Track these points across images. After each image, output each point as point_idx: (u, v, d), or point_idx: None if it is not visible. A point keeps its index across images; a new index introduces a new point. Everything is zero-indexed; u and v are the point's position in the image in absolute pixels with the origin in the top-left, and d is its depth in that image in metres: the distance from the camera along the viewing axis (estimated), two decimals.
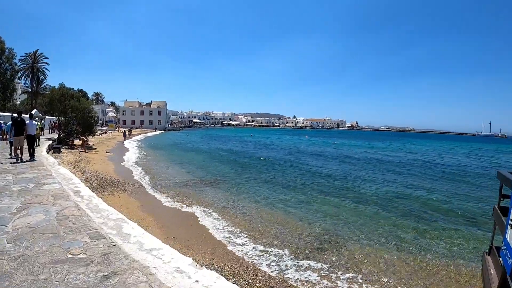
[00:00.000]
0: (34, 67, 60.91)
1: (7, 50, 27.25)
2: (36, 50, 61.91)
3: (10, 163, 13.38)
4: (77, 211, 6.59)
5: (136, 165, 24.16)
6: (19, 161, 13.71)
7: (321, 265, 8.08)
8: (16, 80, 50.39)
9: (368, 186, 18.76)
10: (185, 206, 13.18)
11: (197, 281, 4.08)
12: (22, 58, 59.79)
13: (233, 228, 10.77)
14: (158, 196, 14.62)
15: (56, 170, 11.75)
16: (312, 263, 8.18)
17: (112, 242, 5.08)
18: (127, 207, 12.17)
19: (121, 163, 24.82)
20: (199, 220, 11.50)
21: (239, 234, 10.16)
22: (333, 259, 8.51)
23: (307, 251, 8.98)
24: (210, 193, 15.87)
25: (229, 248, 9.07)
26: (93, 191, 12.97)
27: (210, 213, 12.36)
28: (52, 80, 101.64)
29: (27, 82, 63.21)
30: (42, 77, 63.37)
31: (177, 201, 13.84)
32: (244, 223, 11.31)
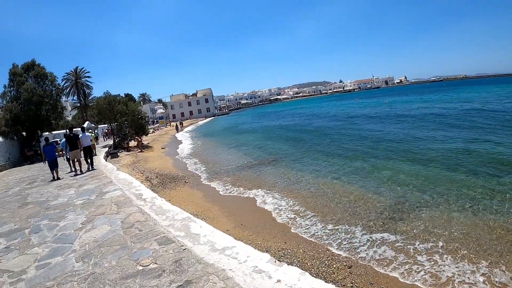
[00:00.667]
0: (78, 83, 63.70)
1: (48, 75, 28.21)
2: (76, 67, 64.65)
3: (71, 176, 14.03)
4: (141, 216, 6.36)
5: (192, 156, 24.35)
6: (79, 173, 14.36)
7: (396, 237, 7.37)
8: (64, 98, 53.00)
9: (429, 145, 17.22)
10: (247, 190, 12.84)
11: (279, 281, 3.57)
12: (65, 77, 62.77)
13: (299, 207, 10.26)
14: (219, 183, 14.42)
15: (116, 176, 11.86)
16: (386, 235, 7.50)
17: (182, 246, 4.72)
18: (191, 199, 12.09)
19: (178, 156, 25.15)
20: (264, 203, 11.09)
21: (307, 213, 9.66)
22: (407, 229, 7.76)
23: (379, 223, 8.31)
24: (270, 173, 15.46)
25: (299, 229, 8.58)
26: (154, 190, 13.09)
27: (273, 194, 11.91)
28: (98, 91, 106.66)
29: (74, 98, 66.48)
30: (87, 90, 66.28)
31: (239, 186, 13.54)
32: (309, 201, 10.78)
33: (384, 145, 18.97)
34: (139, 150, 29.07)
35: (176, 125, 60.26)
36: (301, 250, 7.13)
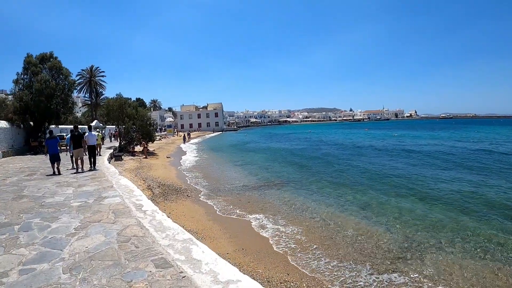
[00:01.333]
0: (92, 81, 64.27)
1: (64, 68, 28.24)
2: (92, 66, 65.41)
3: (71, 173, 13.99)
4: (139, 230, 5.93)
5: (197, 169, 23.96)
6: (80, 171, 14.39)
7: (405, 278, 7.03)
8: (76, 94, 53.37)
9: (438, 184, 16.66)
10: (251, 213, 12.35)
11: None
12: (80, 73, 63.39)
13: (303, 237, 9.81)
14: (222, 202, 13.96)
15: (117, 181, 11.46)
16: (394, 276, 7.12)
17: (181, 272, 4.27)
18: (192, 215, 11.64)
19: (182, 168, 24.78)
20: (267, 228, 10.62)
21: (310, 244, 9.18)
22: (417, 269, 7.45)
23: (387, 262, 7.90)
24: (275, 197, 14.95)
25: (301, 262, 8.11)
26: (155, 200, 12.68)
27: (277, 220, 11.44)
28: (110, 92, 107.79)
29: (86, 95, 66.95)
30: (100, 90, 66.82)
31: (242, 207, 13.07)
32: (314, 231, 10.33)
33: (391, 180, 18.43)
34: (144, 156, 28.76)
35: (184, 135, 60.19)
36: (304, 285, 6.68)
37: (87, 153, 15.52)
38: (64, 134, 30.96)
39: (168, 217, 9.65)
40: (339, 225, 10.93)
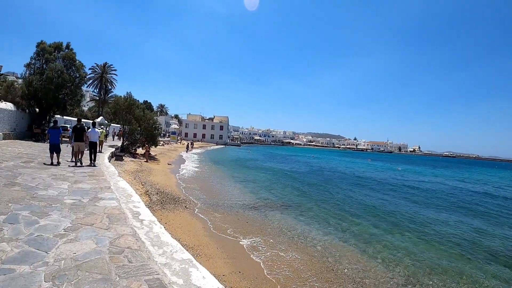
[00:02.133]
0: (103, 77, 64.39)
1: (77, 61, 28.06)
2: (105, 63, 65.67)
3: (69, 166, 13.81)
4: (134, 242, 5.39)
5: (198, 181, 23.40)
6: (78, 165, 14.24)
7: None
8: (85, 88, 53.10)
9: (440, 226, 16.08)
10: (250, 233, 11.84)
11: None
12: (92, 68, 63.59)
13: (303, 265, 9.39)
14: (221, 218, 13.41)
15: (116, 183, 10.93)
16: None
17: None
18: (189, 229, 11.10)
19: (183, 177, 24.23)
20: (265, 253, 10.13)
21: (310, 275, 8.78)
22: None
23: None
24: (276, 220, 14.38)
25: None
26: (152, 208, 12.12)
27: (277, 245, 10.95)
28: (119, 90, 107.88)
29: (95, 91, 67.01)
30: (110, 87, 66.90)
31: (242, 227, 12.53)
32: (315, 261, 9.90)
33: (392, 215, 17.84)
34: (145, 160, 28.27)
35: (188, 144, 59.85)
36: None
37: (87, 148, 15.34)
38: (68, 125, 30.70)
39: (165, 228, 9.14)
40: (341, 255, 10.55)
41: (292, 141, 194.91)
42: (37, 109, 27.10)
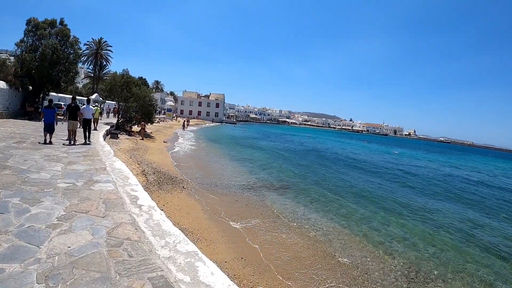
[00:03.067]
0: (98, 54, 62.88)
1: (72, 36, 26.97)
2: (101, 38, 63.95)
3: (64, 144, 13.51)
4: (134, 232, 4.97)
5: (194, 160, 22.99)
6: (72, 143, 13.93)
7: None
8: (80, 65, 51.98)
9: (440, 212, 16.09)
10: (250, 216, 11.53)
11: None
12: (87, 43, 61.97)
13: (306, 251, 9.13)
14: (220, 200, 13.04)
15: (111, 164, 10.45)
16: None
17: None
18: (188, 211, 10.71)
19: (179, 155, 23.80)
20: (267, 236, 9.86)
21: (313, 261, 8.57)
22: None
23: None
24: (275, 201, 14.08)
25: (305, 281, 7.43)
26: (149, 188, 11.69)
27: (279, 228, 10.72)
28: (114, 67, 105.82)
29: (90, 67, 65.55)
30: (105, 63, 65.49)
31: (241, 209, 12.22)
32: (317, 246, 9.67)
33: (392, 199, 17.68)
34: (141, 138, 27.71)
35: (184, 122, 59.19)
36: None
37: (81, 126, 15.00)
38: (62, 103, 29.95)
39: (164, 211, 8.74)
40: (343, 241, 10.30)
41: (287, 120, 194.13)
42: (30, 87, 26.25)
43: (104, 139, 19.20)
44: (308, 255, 8.89)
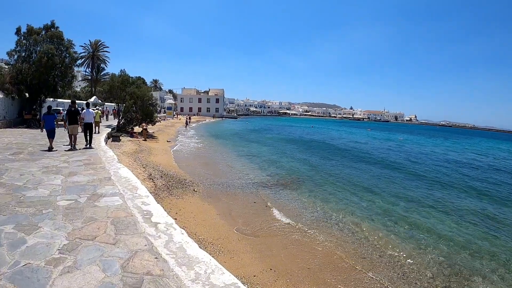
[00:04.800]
0: (95, 56, 61.72)
1: (66, 40, 25.91)
2: (97, 40, 62.77)
3: (65, 150, 13.15)
4: (154, 263, 4.01)
5: (201, 159, 22.06)
6: (73, 149, 13.59)
7: None
8: (77, 68, 50.79)
9: (464, 201, 15.11)
10: (271, 218, 10.69)
11: None
12: (83, 46, 60.81)
13: (336, 253, 8.39)
14: (235, 202, 12.17)
15: (116, 172, 9.47)
16: None
17: None
18: (203, 217, 9.81)
19: (185, 156, 22.87)
20: (293, 240, 9.04)
21: (348, 262, 7.91)
22: None
23: None
24: (291, 198, 13.28)
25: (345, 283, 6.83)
26: (158, 195, 10.76)
27: (302, 227, 9.96)
28: (111, 68, 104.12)
29: (87, 70, 64.44)
30: (102, 65, 64.32)
31: (260, 211, 11.35)
32: (346, 246, 8.92)
33: (412, 189, 16.81)
34: (143, 139, 26.78)
35: (186, 119, 58.30)
36: None
37: (82, 130, 14.63)
38: (61, 108, 29.04)
39: (174, 215, 7.80)
40: (370, 238, 9.58)
41: (288, 111, 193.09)
42: (26, 94, 25.30)
43: (106, 143, 18.29)
44: (339, 257, 8.13)
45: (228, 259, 7.17)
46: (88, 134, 14.72)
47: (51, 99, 28.46)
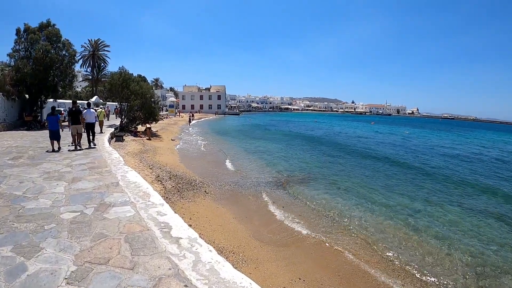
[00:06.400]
0: (95, 55, 60.84)
1: (63, 38, 25.12)
2: (98, 39, 61.87)
3: (69, 150, 12.97)
4: None
5: (209, 156, 21.36)
6: (78, 148, 13.55)
7: None
8: (77, 68, 49.91)
9: (482, 196, 14.43)
10: (291, 219, 9.98)
11: None
12: (84, 45, 59.96)
13: (364, 257, 7.77)
14: (250, 203, 11.50)
15: (124, 176, 8.69)
16: None
17: None
18: (219, 222, 9.10)
19: (192, 154, 22.08)
20: (317, 243, 8.40)
21: (376, 267, 7.32)
22: None
23: None
24: (308, 197, 12.54)
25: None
26: (169, 199, 10.01)
27: (322, 230, 9.25)
28: (112, 68, 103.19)
29: (88, 70, 63.57)
30: (103, 64, 63.40)
31: (277, 211, 10.71)
32: (376, 249, 8.25)
33: (431, 181, 16.23)
34: (147, 138, 26.02)
35: (189, 117, 57.50)
36: None
37: (84, 130, 14.51)
38: (62, 109, 28.29)
39: (188, 221, 7.06)
40: (395, 237, 9.08)
41: (290, 106, 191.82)
42: (26, 95, 24.56)
43: (110, 143, 17.56)
44: (366, 261, 7.55)
45: (253, 270, 6.48)
46: (90, 134, 14.63)
47: (52, 99, 27.66)
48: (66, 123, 17.74)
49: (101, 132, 21.50)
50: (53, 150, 12.66)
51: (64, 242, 4.42)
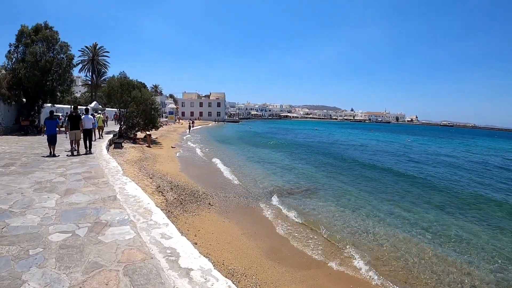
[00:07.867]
0: (95, 60, 60.20)
1: (60, 40, 24.43)
2: (96, 43, 61.23)
3: (67, 155, 12.85)
4: None
5: (210, 165, 20.56)
6: (76, 154, 13.45)
7: None
8: (76, 73, 49.24)
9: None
10: (303, 235, 9.17)
11: None
12: (82, 50, 59.32)
13: (384, 269, 7.44)
14: (257, 214, 10.90)
15: (122, 188, 7.91)
16: None
17: None
18: (225, 238, 8.34)
19: (193, 163, 21.27)
20: (334, 260, 7.80)
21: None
22: None
23: None
24: (318, 209, 11.84)
25: None
26: (171, 212, 9.23)
27: (340, 247, 8.60)
28: (111, 72, 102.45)
29: (87, 75, 62.88)
30: (103, 69, 62.76)
31: (288, 226, 9.96)
32: (394, 265, 7.73)
33: (438, 192, 15.78)
34: (147, 145, 25.26)
35: (189, 124, 56.81)
36: None
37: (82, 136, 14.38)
38: (60, 114, 27.60)
39: (193, 238, 6.28)
40: (411, 251, 8.56)
41: (289, 114, 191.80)
42: (23, 99, 23.85)
43: (108, 150, 16.80)
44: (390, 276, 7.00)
45: None
46: (88, 140, 14.41)
47: (49, 104, 26.94)
48: (63, 129, 17.12)
49: (100, 137, 21.14)
50: (50, 155, 12.45)
51: (51, 274, 3.64)
